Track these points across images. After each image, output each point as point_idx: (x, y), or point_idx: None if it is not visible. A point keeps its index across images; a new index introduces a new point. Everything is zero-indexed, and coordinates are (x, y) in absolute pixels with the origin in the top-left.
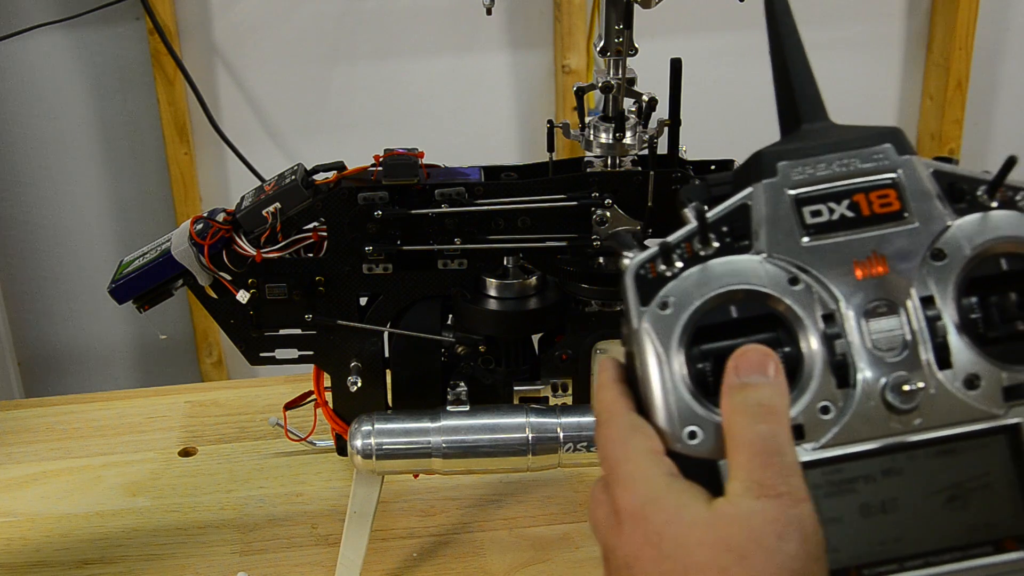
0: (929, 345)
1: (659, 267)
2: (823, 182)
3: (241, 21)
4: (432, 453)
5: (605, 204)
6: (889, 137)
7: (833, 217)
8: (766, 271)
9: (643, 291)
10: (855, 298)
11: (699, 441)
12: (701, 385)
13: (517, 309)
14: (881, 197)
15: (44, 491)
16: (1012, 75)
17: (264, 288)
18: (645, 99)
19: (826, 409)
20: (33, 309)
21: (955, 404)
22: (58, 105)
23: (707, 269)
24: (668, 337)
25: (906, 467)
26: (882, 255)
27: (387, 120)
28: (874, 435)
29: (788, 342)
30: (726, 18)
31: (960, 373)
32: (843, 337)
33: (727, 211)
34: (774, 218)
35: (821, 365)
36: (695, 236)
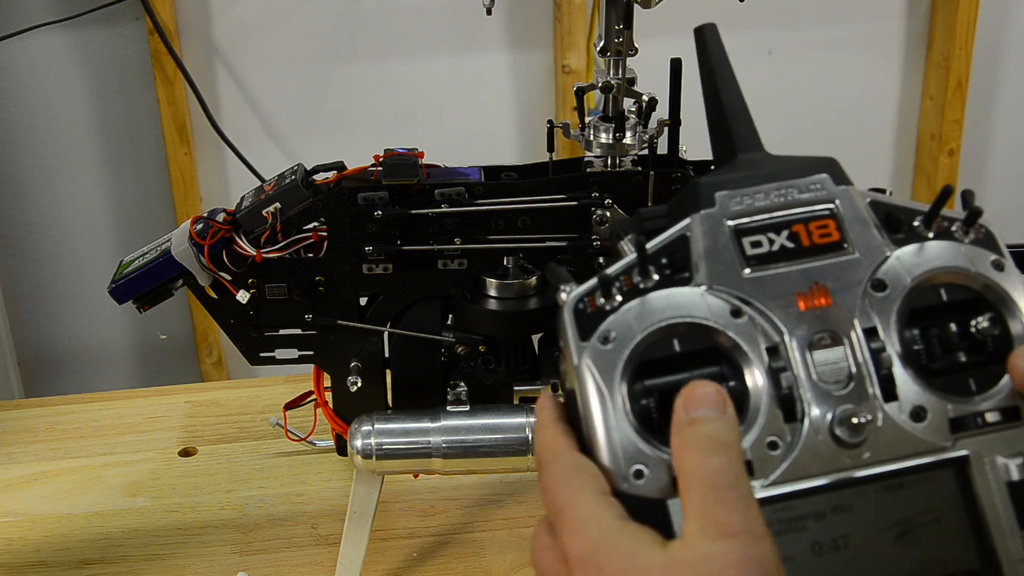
0: (874, 377)
1: (598, 300)
2: (762, 212)
3: (241, 21)
4: (432, 453)
5: (605, 204)
6: (826, 167)
7: (774, 248)
8: (708, 303)
9: (582, 326)
10: (799, 330)
11: (646, 480)
12: (645, 422)
13: (517, 309)
14: (820, 227)
15: (44, 491)
16: (1012, 75)
17: (264, 288)
18: (645, 99)
19: (774, 444)
20: (33, 309)
21: (903, 437)
22: (58, 105)
23: (647, 302)
24: (610, 373)
25: (856, 503)
26: (824, 286)
27: (387, 120)
28: (823, 470)
29: (733, 376)
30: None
31: (906, 405)
32: (789, 370)
33: (666, 242)
34: (714, 249)
35: (767, 399)
36: (634, 268)
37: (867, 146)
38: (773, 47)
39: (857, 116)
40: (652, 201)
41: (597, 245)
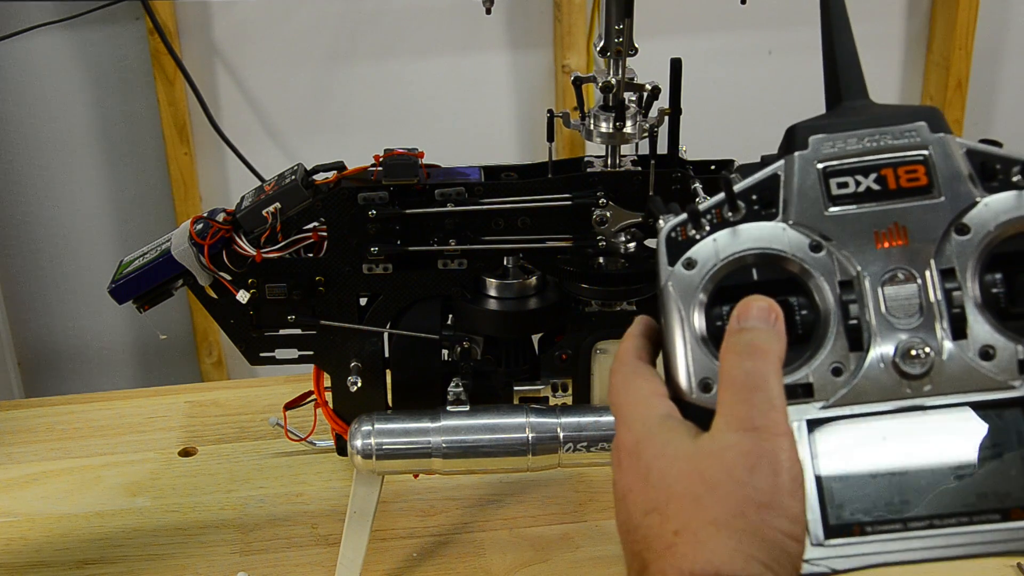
0: (945, 315)
1: (689, 230)
2: (853, 156)
3: (241, 21)
4: (432, 453)
5: (605, 204)
6: (925, 115)
7: (859, 189)
8: (789, 237)
9: (672, 252)
10: (874, 266)
11: (713, 393)
12: (717, 341)
13: (517, 309)
14: (909, 172)
15: (44, 491)
16: (1012, 75)
17: (264, 288)
18: (648, 88)
19: (838, 370)
20: (33, 309)
21: (968, 373)
22: (58, 105)
23: (733, 233)
24: (689, 295)
25: (915, 430)
26: (903, 226)
27: (387, 120)
28: (883, 398)
29: (805, 305)
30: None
31: (975, 344)
32: (858, 302)
33: (758, 181)
34: (802, 188)
35: (835, 328)
36: (724, 203)
37: None
38: (773, 47)
39: None
40: (653, 191)
41: (601, 245)
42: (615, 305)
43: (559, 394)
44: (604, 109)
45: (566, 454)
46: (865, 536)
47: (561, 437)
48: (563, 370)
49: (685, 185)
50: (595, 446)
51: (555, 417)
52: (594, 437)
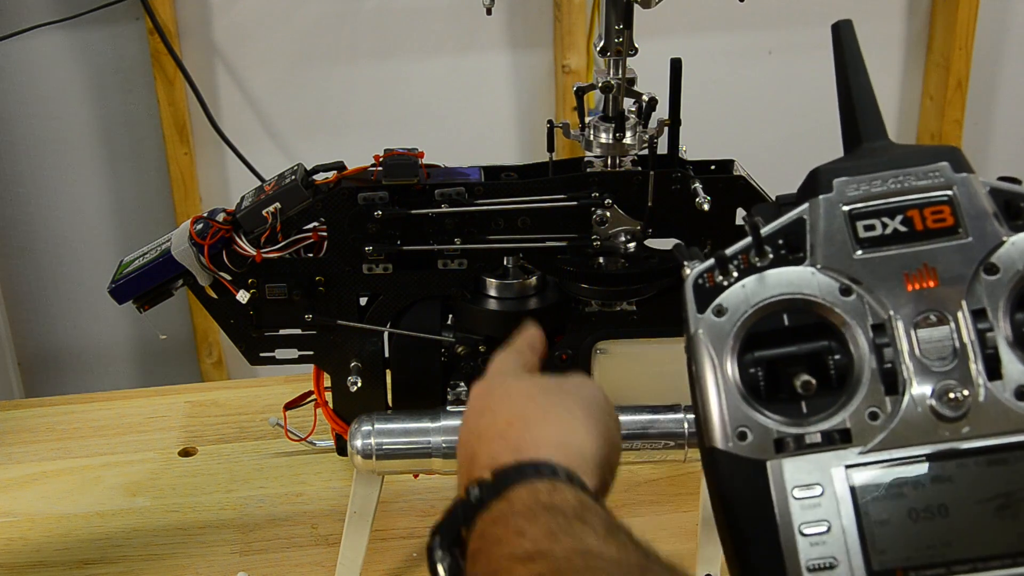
0: (979, 356)
1: (716, 277)
2: (878, 198)
3: (241, 21)
4: (432, 453)
5: (605, 204)
6: (946, 155)
7: (886, 231)
8: (818, 282)
9: (700, 299)
10: (905, 309)
11: (748, 442)
12: (752, 389)
13: (517, 309)
14: (935, 213)
15: (44, 491)
16: (1012, 75)
17: (264, 288)
18: (645, 99)
19: (874, 415)
20: (33, 309)
21: (1005, 413)
22: (58, 105)
23: (761, 279)
24: (722, 342)
25: (955, 474)
26: (933, 268)
27: (387, 120)
28: (922, 441)
29: (839, 350)
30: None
31: (1011, 384)
32: (892, 346)
33: (783, 225)
34: (828, 232)
35: (870, 372)
36: (751, 248)
37: None
38: (773, 47)
39: None
40: (652, 201)
41: (597, 245)
42: (615, 305)
43: None
44: (604, 120)
45: None
46: None
47: None
48: (563, 370)
49: (685, 185)
50: None
51: None
52: None
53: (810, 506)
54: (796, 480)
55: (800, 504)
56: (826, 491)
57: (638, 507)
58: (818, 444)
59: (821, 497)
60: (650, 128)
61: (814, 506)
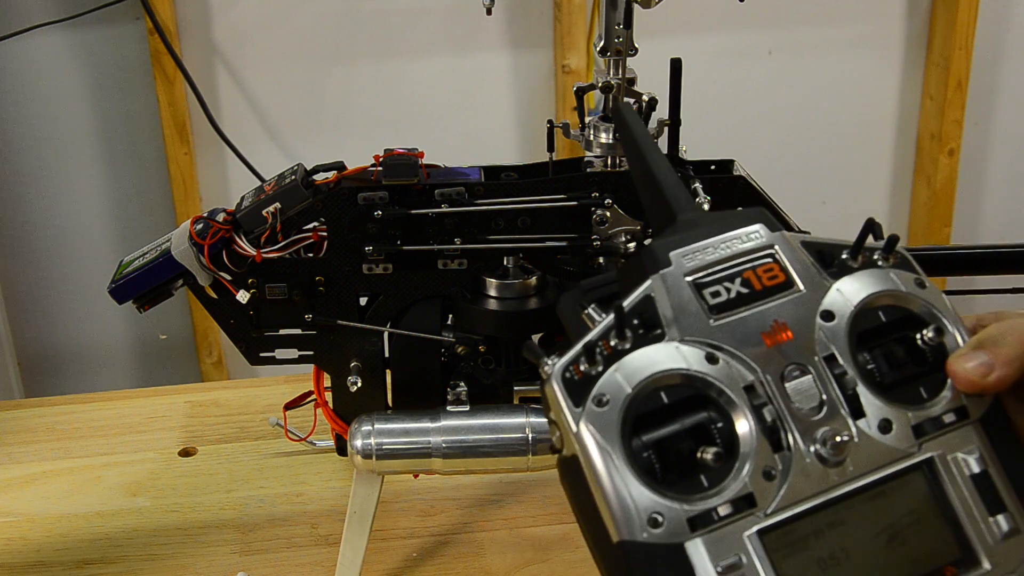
0: (842, 399)
1: (582, 367)
2: (714, 265)
3: (241, 21)
4: (432, 453)
5: (605, 204)
6: (758, 217)
7: (731, 295)
8: (684, 354)
9: (573, 393)
10: (771, 366)
11: (663, 527)
12: (648, 473)
13: (517, 309)
14: (767, 271)
15: (44, 491)
16: (1012, 75)
17: (264, 288)
18: (645, 99)
19: (769, 474)
20: (33, 309)
21: (877, 448)
22: (58, 105)
23: (631, 361)
24: (610, 431)
25: (847, 517)
26: (783, 322)
27: (387, 120)
28: (816, 490)
29: (720, 418)
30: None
31: (873, 420)
32: (769, 404)
33: (634, 305)
34: (680, 304)
35: (755, 434)
36: (611, 332)
37: (867, 146)
38: (773, 47)
39: (857, 116)
40: None
41: (597, 245)
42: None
43: None
44: (604, 120)
45: None
46: None
47: None
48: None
49: (685, 185)
50: None
51: None
52: None
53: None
54: (717, 556)
55: None
56: (746, 561)
57: None
58: (730, 514)
59: (744, 568)
60: (650, 128)
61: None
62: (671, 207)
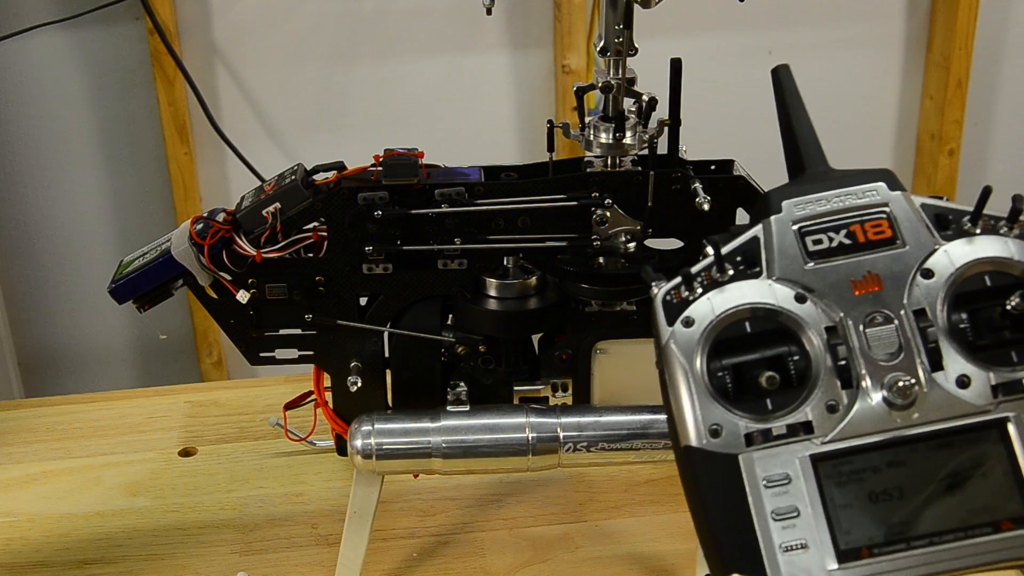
0: (922, 350)
1: (683, 293)
2: (823, 216)
3: (241, 21)
4: (432, 453)
5: (605, 204)
6: (882, 176)
7: (832, 244)
8: (775, 292)
9: (669, 313)
10: (854, 312)
11: (721, 438)
12: (721, 392)
13: (517, 309)
14: (875, 226)
15: (44, 491)
16: (1012, 75)
17: (264, 288)
18: (645, 99)
19: (833, 408)
20: (33, 309)
21: (949, 401)
22: (58, 105)
23: (723, 291)
24: (691, 350)
25: (908, 458)
26: (876, 274)
27: (387, 120)
28: (877, 429)
29: (797, 352)
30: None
31: (952, 374)
32: (845, 344)
33: (740, 244)
34: (781, 247)
35: (826, 370)
36: (712, 266)
37: (867, 146)
38: (773, 47)
39: (857, 116)
40: (652, 201)
41: (597, 245)
42: (615, 305)
43: (559, 394)
44: (604, 120)
45: (566, 454)
46: (873, 558)
47: (561, 437)
48: (563, 370)
49: (685, 185)
50: (595, 446)
51: (555, 417)
52: (594, 437)
53: (780, 493)
54: (766, 470)
55: (771, 492)
56: (793, 480)
57: (638, 507)
58: (784, 436)
59: (789, 485)
60: (650, 128)
61: (783, 493)
62: (802, 160)
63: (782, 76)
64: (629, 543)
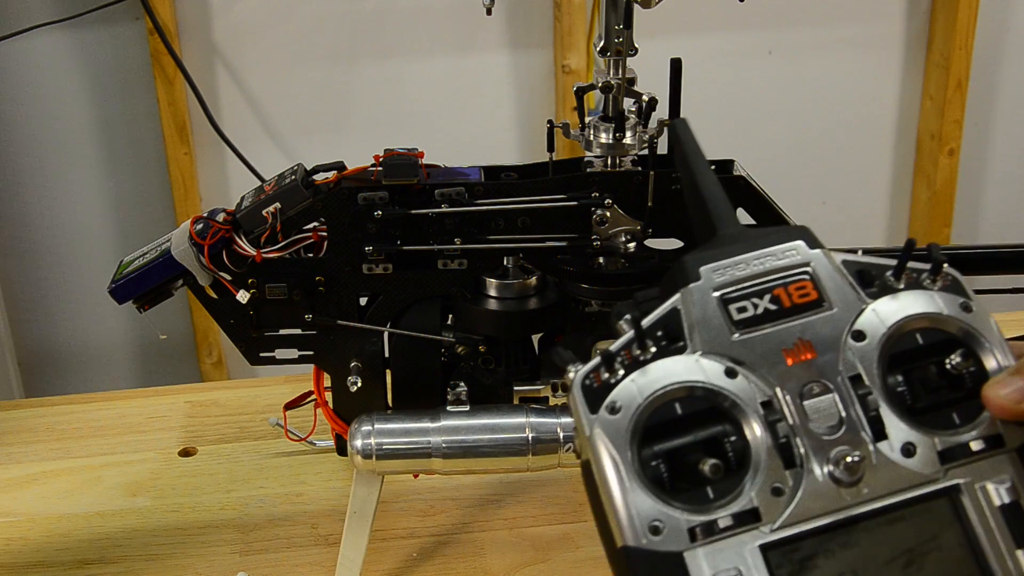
0: (864, 420)
1: (603, 376)
2: (744, 281)
3: (241, 21)
4: (432, 453)
5: (605, 204)
6: (798, 235)
7: (758, 311)
8: (703, 367)
9: (591, 400)
10: (789, 383)
11: (663, 535)
12: (656, 482)
13: (517, 309)
14: (799, 289)
15: (44, 491)
16: (1012, 75)
17: (264, 288)
18: (645, 99)
19: (778, 491)
20: (33, 309)
21: (897, 472)
22: (58, 105)
23: (647, 371)
24: (620, 438)
25: (861, 539)
26: (807, 340)
27: (387, 120)
28: (827, 509)
29: (733, 432)
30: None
31: (896, 443)
32: (784, 420)
33: (659, 317)
34: (704, 318)
35: (767, 449)
36: (633, 343)
37: (867, 146)
38: (773, 47)
39: (857, 116)
40: (652, 201)
41: (597, 245)
42: (615, 305)
43: (559, 394)
44: (604, 120)
45: (566, 454)
46: None
47: (561, 437)
48: (563, 370)
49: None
50: None
51: (555, 417)
52: None
53: None
54: (715, 567)
55: None
56: (744, 573)
57: None
58: (731, 527)
59: None
60: (650, 128)
61: None
62: (712, 222)
63: (680, 132)
64: None
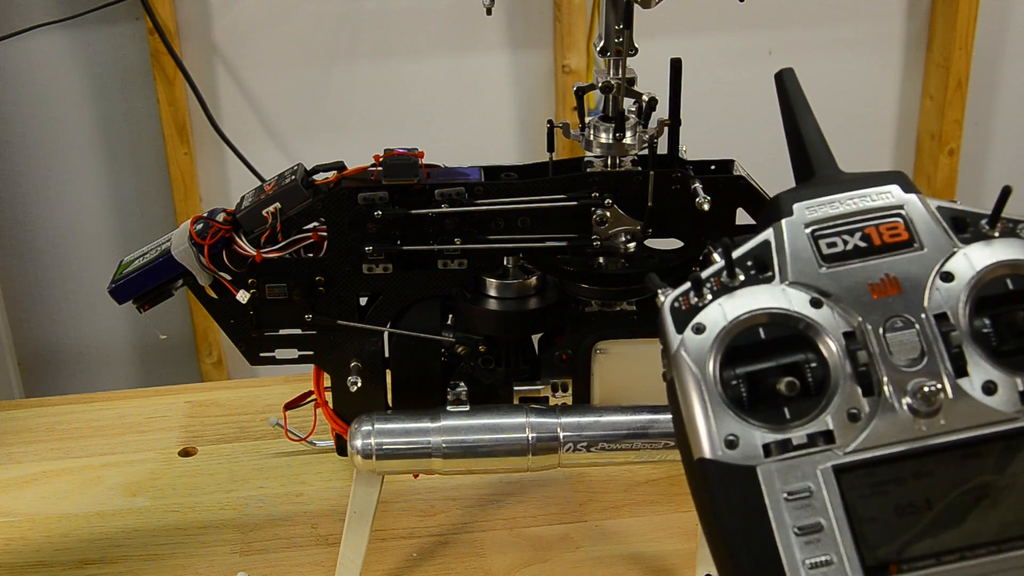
0: (946, 355)
1: (692, 299)
2: (837, 219)
3: (241, 21)
4: (432, 453)
5: (605, 204)
6: (895, 179)
7: (848, 247)
8: (789, 296)
9: (678, 321)
10: (873, 316)
11: (738, 449)
12: (735, 400)
13: (517, 309)
14: (891, 229)
15: (44, 491)
16: (1012, 75)
17: (264, 288)
18: (645, 99)
19: (854, 416)
20: (33, 309)
21: (975, 408)
22: (58, 105)
23: (735, 297)
24: (703, 358)
25: (935, 469)
26: (894, 277)
27: (387, 120)
28: (901, 438)
29: (815, 359)
30: (726, 18)
31: (977, 380)
32: (864, 350)
33: (751, 248)
34: (794, 251)
35: (846, 375)
36: (723, 270)
37: (867, 146)
38: (773, 47)
39: (857, 116)
40: (652, 201)
41: (597, 245)
42: (615, 305)
43: (559, 394)
44: (604, 120)
45: (566, 454)
46: (902, 574)
47: (561, 437)
48: (563, 370)
49: (685, 185)
50: (595, 446)
51: (555, 417)
52: (594, 437)
53: (802, 507)
54: (786, 483)
55: (792, 506)
56: (815, 492)
57: (638, 507)
58: (804, 446)
59: (811, 498)
60: (650, 128)
61: (806, 507)
62: (811, 164)
63: (787, 80)
64: (629, 543)
